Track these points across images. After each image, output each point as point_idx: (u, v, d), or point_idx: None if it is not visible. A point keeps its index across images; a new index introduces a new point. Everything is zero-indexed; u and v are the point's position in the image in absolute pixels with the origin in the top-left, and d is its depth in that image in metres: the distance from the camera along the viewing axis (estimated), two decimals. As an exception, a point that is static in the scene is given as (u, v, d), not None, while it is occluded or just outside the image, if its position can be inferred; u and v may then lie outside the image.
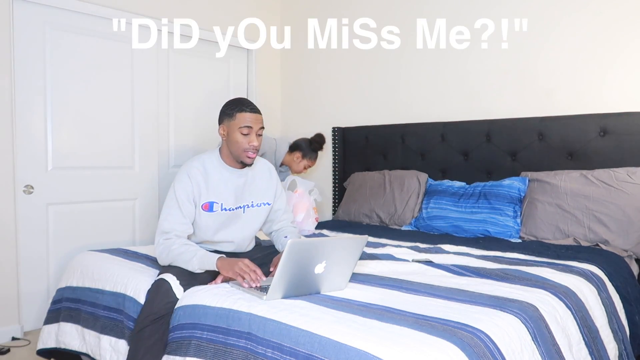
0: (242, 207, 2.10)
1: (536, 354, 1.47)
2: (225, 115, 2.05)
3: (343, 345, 1.25)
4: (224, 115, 2.06)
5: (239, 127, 2.00)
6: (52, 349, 2.28)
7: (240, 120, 2.00)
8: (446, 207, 2.96)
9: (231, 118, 2.02)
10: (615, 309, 2.04)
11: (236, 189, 2.08)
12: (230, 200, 2.06)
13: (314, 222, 3.17)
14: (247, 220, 2.13)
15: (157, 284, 1.82)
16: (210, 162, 2.06)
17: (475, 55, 3.21)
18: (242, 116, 2.00)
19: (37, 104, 2.96)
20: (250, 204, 2.12)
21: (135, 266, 2.14)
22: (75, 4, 3.05)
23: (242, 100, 2.06)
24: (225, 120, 2.04)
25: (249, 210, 2.12)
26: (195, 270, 1.88)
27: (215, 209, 2.03)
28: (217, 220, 2.05)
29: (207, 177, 2.03)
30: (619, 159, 2.65)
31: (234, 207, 2.07)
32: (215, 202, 2.03)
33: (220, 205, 2.04)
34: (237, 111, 2.01)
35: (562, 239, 2.59)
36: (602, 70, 2.76)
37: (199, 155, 2.12)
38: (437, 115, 3.39)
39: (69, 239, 3.11)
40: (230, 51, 3.96)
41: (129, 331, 1.90)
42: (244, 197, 2.10)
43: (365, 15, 3.75)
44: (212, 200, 2.02)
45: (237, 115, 2.00)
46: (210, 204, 2.02)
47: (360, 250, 1.72)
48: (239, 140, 2.00)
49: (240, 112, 2.00)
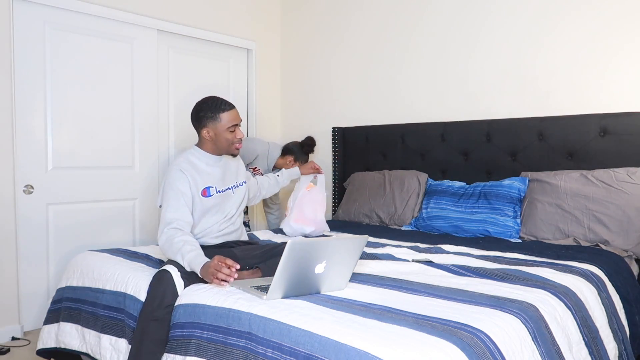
0: (230, 188, 2.23)
1: (536, 354, 1.47)
2: (207, 119, 2.12)
3: (343, 345, 1.25)
4: (205, 119, 2.12)
5: (227, 127, 2.12)
6: (52, 349, 2.28)
7: (227, 120, 2.11)
8: (446, 207, 2.96)
9: (216, 120, 2.11)
10: (615, 309, 2.03)
11: (221, 174, 2.21)
12: (220, 183, 2.18)
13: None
14: (237, 199, 2.27)
15: (159, 275, 1.83)
16: (193, 156, 2.17)
17: (475, 55, 3.21)
18: (227, 116, 2.11)
19: (37, 104, 2.96)
20: (234, 184, 2.26)
21: (135, 265, 2.15)
22: (75, 4, 3.06)
23: (217, 100, 2.13)
24: (209, 123, 2.12)
25: (237, 189, 2.27)
26: (186, 268, 1.90)
27: (212, 192, 2.14)
28: (217, 202, 2.16)
29: (196, 168, 2.13)
30: (619, 159, 2.65)
31: (223, 188, 2.19)
32: (210, 186, 2.14)
33: (215, 189, 2.16)
34: (220, 112, 2.10)
35: (562, 239, 2.59)
36: (602, 70, 2.76)
37: (177, 156, 2.22)
38: (437, 115, 3.39)
39: (69, 239, 3.11)
40: (230, 51, 3.96)
41: (129, 330, 1.90)
42: (227, 180, 2.24)
43: (365, 15, 3.75)
44: (207, 185, 2.13)
45: (221, 116, 2.10)
46: (207, 189, 2.13)
47: (360, 250, 1.73)
48: (228, 137, 2.14)
49: (224, 112, 2.11)
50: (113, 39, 3.26)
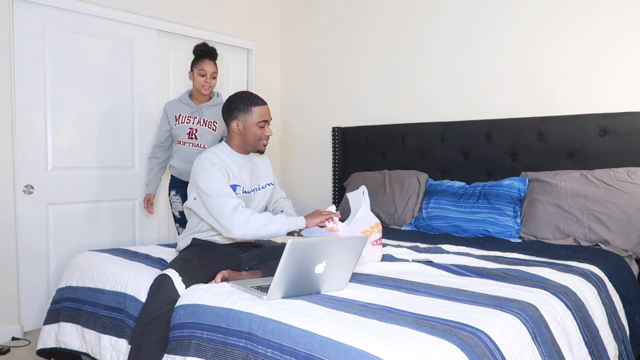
0: (255, 189, 2.18)
1: (536, 354, 1.47)
2: (239, 111, 2.09)
3: (343, 345, 1.25)
4: (237, 111, 2.09)
5: (257, 121, 2.08)
6: (52, 349, 2.28)
7: (257, 114, 2.08)
8: (446, 207, 2.96)
9: (247, 113, 2.08)
10: (615, 309, 2.03)
11: (249, 173, 2.16)
12: (247, 183, 2.14)
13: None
14: (258, 201, 2.21)
15: (159, 280, 1.82)
16: (222, 153, 2.12)
17: (476, 55, 3.21)
18: (258, 110, 2.08)
19: (37, 104, 2.96)
20: (258, 186, 2.21)
21: (135, 266, 2.14)
22: (75, 4, 3.06)
23: (251, 95, 2.11)
24: (240, 115, 2.09)
25: (259, 192, 2.21)
26: (283, 234, 1.97)
27: (237, 191, 2.09)
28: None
29: (225, 164, 2.09)
30: (619, 159, 2.65)
31: (250, 189, 2.15)
32: (237, 185, 2.09)
33: (242, 189, 2.11)
34: (252, 105, 2.08)
35: (562, 239, 2.59)
36: (602, 71, 2.76)
37: (206, 151, 2.13)
38: (437, 115, 3.39)
39: (69, 239, 3.11)
40: (230, 51, 3.96)
41: (129, 330, 1.90)
42: (253, 180, 2.19)
43: (364, 15, 3.75)
44: (235, 183, 2.09)
45: (253, 110, 2.08)
46: (234, 187, 2.08)
47: (360, 250, 1.73)
48: (257, 133, 2.10)
49: (256, 106, 2.08)
50: (113, 39, 3.26)
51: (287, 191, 4.11)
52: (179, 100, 2.89)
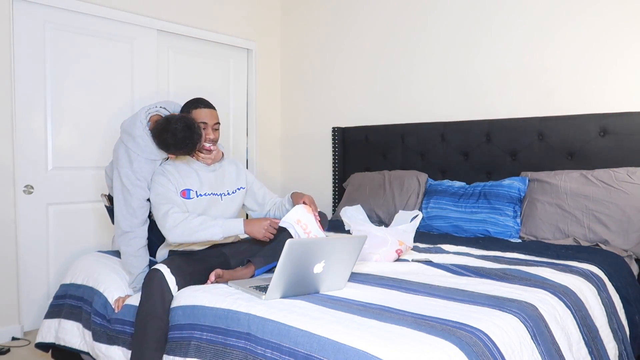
0: (218, 194, 2.21)
1: (535, 353, 1.47)
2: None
3: (342, 345, 1.25)
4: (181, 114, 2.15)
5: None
6: (51, 345, 2.30)
7: (196, 117, 2.12)
8: (446, 207, 2.96)
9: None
10: (615, 309, 2.03)
11: (209, 181, 2.20)
12: (204, 187, 2.17)
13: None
14: (226, 204, 2.24)
15: (150, 275, 1.83)
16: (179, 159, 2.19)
17: (476, 55, 3.21)
18: (197, 113, 2.13)
19: (37, 104, 2.96)
20: (225, 192, 2.25)
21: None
22: (75, 4, 3.06)
23: (197, 99, 2.19)
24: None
25: (226, 197, 2.24)
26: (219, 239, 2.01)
27: (192, 195, 2.13)
28: (199, 206, 2.13)
29: (178, 169, 2.14)
30: (619, 159, 2.65)
31: (209, 192, 2.18)
32: (190, 189, 2.14)
33: (196, 192, 2.15)
34: (193, 108, 2.14)
35: (562, 239, 2.59)
36: (602, 71, 2.76)
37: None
38: (437, 115, 3.39)
39: (69, 239, 3.11)
40: (230, 51, 3.96)
41: (124, 336, 1.92)
42: (218, 187, 2.22)
43: (365, 15, 3.75)
44: (187, 187, 2.13)
45: (193, 112, 2.13)
46: (187, 191, 2.13)
47: (359, 250, 1.73)
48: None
49: (196, 109, 2.14)
50: (113, 39, 3.26)
51: (287, 191, 4.11)
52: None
